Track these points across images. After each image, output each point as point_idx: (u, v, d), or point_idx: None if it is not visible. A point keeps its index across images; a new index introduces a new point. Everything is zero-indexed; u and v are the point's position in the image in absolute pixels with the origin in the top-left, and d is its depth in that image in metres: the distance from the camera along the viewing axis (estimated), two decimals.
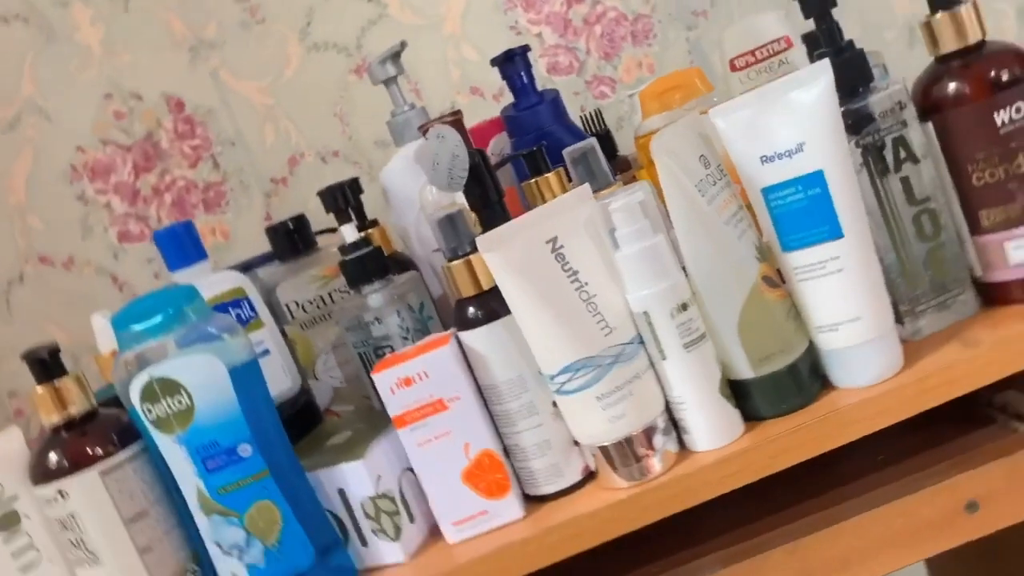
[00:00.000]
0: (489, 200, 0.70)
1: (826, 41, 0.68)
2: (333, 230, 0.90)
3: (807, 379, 0.67)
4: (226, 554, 0.67)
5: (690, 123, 0.68)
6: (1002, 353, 0.65)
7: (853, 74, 0.67)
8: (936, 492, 0.68)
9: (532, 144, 0.86)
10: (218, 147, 1.12)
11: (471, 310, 0.67)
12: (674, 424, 0.67)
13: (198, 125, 1.12)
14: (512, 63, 0.90)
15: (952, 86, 0.66)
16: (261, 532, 0.66)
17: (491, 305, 0.66)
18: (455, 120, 0.84)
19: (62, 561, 0.68)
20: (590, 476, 0.68)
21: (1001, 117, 0.65)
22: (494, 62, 0.90)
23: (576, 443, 0.68)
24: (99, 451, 0.66)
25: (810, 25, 0.73)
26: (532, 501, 0.69)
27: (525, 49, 0.90)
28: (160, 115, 1.11)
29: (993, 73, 0.66)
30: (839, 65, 0.67)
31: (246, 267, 0.94)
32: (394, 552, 0.68)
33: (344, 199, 0.75)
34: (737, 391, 0.67)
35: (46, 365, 0.67)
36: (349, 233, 0.75)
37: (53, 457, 0.66)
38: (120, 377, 0.66)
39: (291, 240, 0.83)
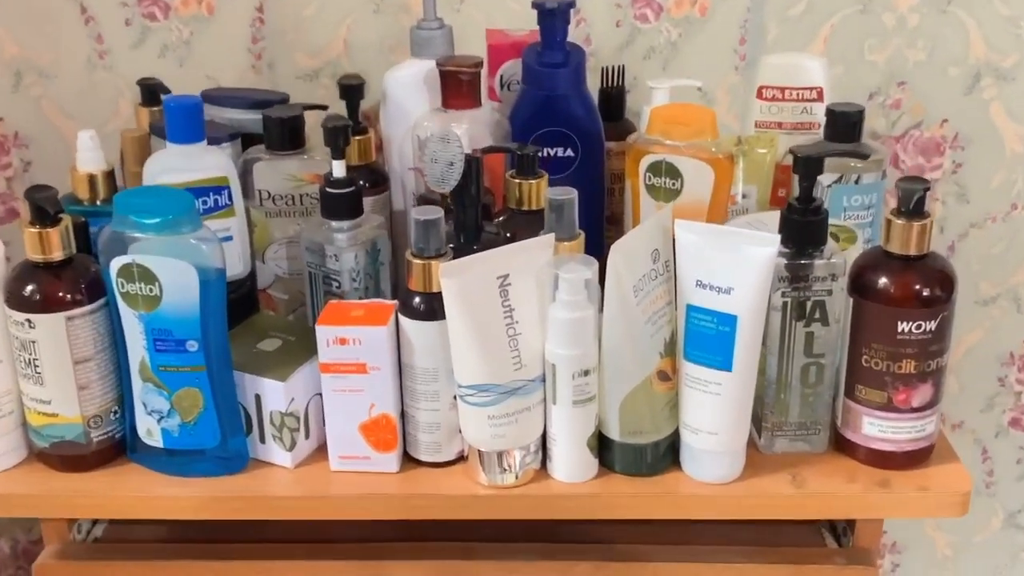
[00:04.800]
0: (466, 203, 0.85)
1: (802, 198, 0.83)
2: (323, 107, 1.02)
3: (661, 456, 0.86)
4: (147, 414, 0.86)
5: (661, 218, 0.84)
6: (816, 502, 0.85)
7: (810, 236, 0.82)
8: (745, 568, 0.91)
9: (539, 105, 1.00)
10: None
11: (416, 301, 0.83)
12: (544, 447, 0.87)
13: None
14: (552, 17, 1.00)
15: (881, 281, 0.82)
16: (183, 409, 0.84)
17: (433, 306, 0.82)
18: (473, 71, 0.97)
19: (12, 371, 0.86)
20: (461, 459, 0.88)
21: (903, 326, 0.81)
22: (536, 6, 1.00)
23: (460, 431, 0.87)
24: (69, 298, 0.82)
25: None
26: (409, 459, 0.89)
27: (569, 6, 1.00)
28: None
29: (917, 287, 0.82)
30: (804, 224, 0.82)
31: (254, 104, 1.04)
32: (284, 458, 0.87)
33: (345, 139, 0.88)
34: (603, 442, 0.86)
35: (44, 213, 0.82)
36: (338, 169, 0.89)
37: (29, 289, 0.82)
38: (105, 244, 0.82)
39: (282, 133, 0.95)
